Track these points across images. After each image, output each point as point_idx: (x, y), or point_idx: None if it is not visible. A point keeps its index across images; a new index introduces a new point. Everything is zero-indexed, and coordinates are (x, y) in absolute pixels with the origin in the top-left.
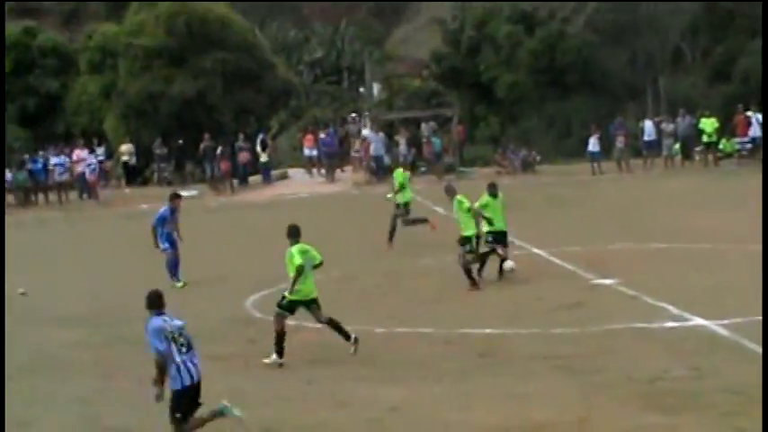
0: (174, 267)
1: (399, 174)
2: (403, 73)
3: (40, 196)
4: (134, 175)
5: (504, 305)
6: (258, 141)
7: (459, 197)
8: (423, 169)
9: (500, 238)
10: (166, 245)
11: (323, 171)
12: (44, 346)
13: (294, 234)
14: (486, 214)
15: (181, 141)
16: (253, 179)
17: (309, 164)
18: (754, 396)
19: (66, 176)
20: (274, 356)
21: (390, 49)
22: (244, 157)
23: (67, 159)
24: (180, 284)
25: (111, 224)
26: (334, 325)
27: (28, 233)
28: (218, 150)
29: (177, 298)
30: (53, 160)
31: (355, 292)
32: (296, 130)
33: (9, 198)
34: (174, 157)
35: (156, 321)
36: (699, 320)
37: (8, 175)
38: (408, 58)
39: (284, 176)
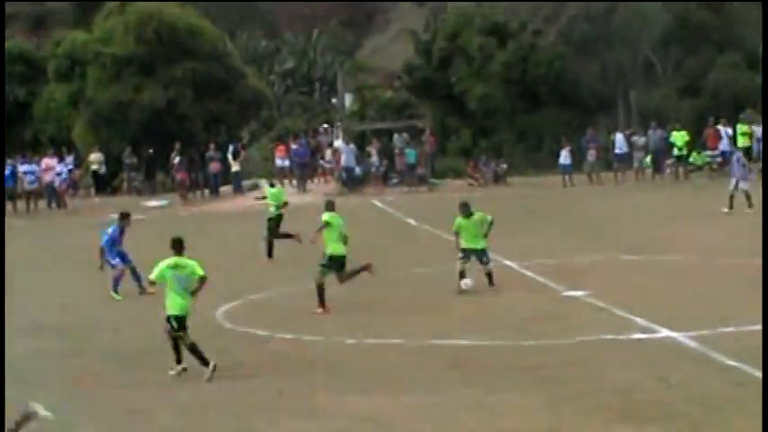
0: (116, 282)
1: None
2: (375, 84)
3: (8, 205)
4: (103, 184)
5: (475, 317)
6: (230, 151)
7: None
8: (394, 181)
9: (469, 253)
10: (117, 260)
11: (294, 182)
12: (11, 356)
13: (175, 247)
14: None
15: (151, 150)
16: (224, 189)
17: (281, 174)
18: (721, 407)
19: (35, 185)
20: None
21: (362, 60)
22: (214, 167)
23: (36, 168)
24: (118, 298)
25: (80, 233)
26: (194, 349)
27: None
28: (176, 160)
29: (145, 308)
30: (22, 168)
31: (326, 302)
32: (267, 141)
33: None
34: (145, 167)
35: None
36: (667, 332)
37: None
38: (380, 69)
39: (255, 187)
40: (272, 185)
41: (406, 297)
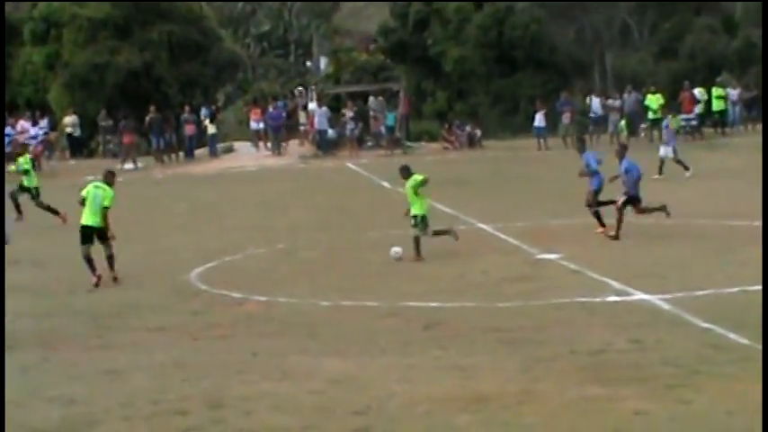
0: None
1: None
2: (350, 47)
3: None
4: (79, 147)
5: (449, 279)
6: (204, 113)
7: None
8: (369, 144)
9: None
10: None
11: (269, 144)
12: None
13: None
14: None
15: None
16: (199, 152)
17: (256, 137)
18: (696, 369)
19: (9, 148)
20: None
21: (338, 23)
22: (190, 129)
23: (12, 131)
24: None
25: (55, 195)
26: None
27: None
28: (121, 124)
29: (122, 268)
30: None
31: (300, 264)
32: (242, 104)
33: None
34: (119, 129)
35: None
36: (641, 295)
37: None
38: (356, 33)
39: (230, 150)
40: None
41: (380, 259)
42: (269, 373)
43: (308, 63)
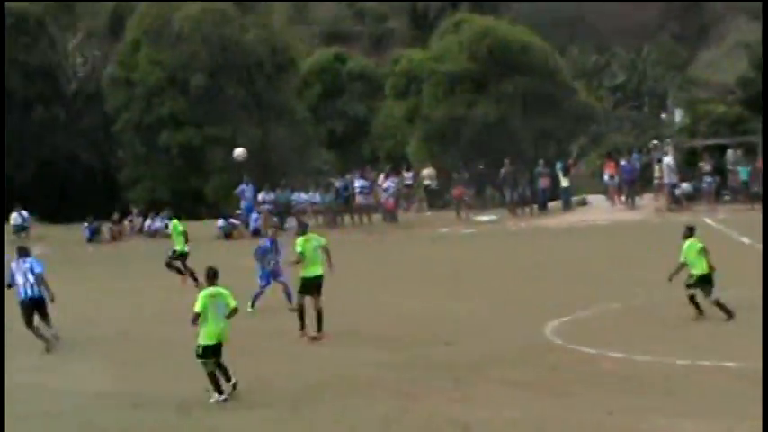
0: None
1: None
2: (707, 98)
3: (346, 218)
4: (435, 199)
5: None
6: (559, 166)
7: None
8: (727, 198)
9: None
10: (264, 282)
11: (623, 198)
12: (345, 365)
13: (210, 277)
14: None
15: (481, 166)
16: (552, 204)
17: (610, 190)
18: None
19: (369, 199)
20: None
21: (693, 74)
22: (544, 182)
23: (371, 183)
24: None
25: (412, 246)
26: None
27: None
28: (454, 176)
29: (477, 320)
30: (357, 183)
31: (657, 321)
32: (595, 157)
33: (318, 219)
34: (475, 182)
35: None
36: None
37: (316, 196)
38: (713, 83)
39: (584, 203)
40: None
41: (740, 317)
42: None
43: (663, 115)
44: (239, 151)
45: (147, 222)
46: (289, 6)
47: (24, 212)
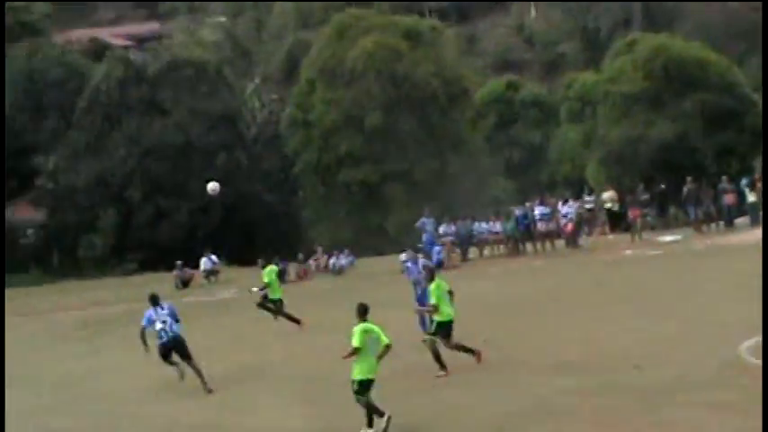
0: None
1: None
2: None
3: (528, 245)
4: (617, 221)
5: None
6: (744, 182)
7: None
8: None
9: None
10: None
11: None
12: (539, 394)
13: (361, 313)
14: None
15: (662, 186)
16: (739, 221)
17: None
18: None
19: (551, 225)
20: None
21: None
22: (729, 198)
23: (551, 209)
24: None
25: (595, 270)
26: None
27: (518, 280)
28: (628, 198)
29: (666, 342)
30: (537, 210)
31: None
32: None
33: (500, 248)
34: (657, 202)
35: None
36: None
37: (497, 225)
38: None
39: None
40: None
41: None
42: None
43: None
44: (212, 185)
45: (332, 260)
46: (459, 39)
47: (214, 257)
